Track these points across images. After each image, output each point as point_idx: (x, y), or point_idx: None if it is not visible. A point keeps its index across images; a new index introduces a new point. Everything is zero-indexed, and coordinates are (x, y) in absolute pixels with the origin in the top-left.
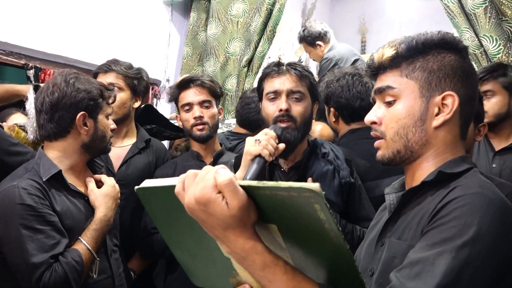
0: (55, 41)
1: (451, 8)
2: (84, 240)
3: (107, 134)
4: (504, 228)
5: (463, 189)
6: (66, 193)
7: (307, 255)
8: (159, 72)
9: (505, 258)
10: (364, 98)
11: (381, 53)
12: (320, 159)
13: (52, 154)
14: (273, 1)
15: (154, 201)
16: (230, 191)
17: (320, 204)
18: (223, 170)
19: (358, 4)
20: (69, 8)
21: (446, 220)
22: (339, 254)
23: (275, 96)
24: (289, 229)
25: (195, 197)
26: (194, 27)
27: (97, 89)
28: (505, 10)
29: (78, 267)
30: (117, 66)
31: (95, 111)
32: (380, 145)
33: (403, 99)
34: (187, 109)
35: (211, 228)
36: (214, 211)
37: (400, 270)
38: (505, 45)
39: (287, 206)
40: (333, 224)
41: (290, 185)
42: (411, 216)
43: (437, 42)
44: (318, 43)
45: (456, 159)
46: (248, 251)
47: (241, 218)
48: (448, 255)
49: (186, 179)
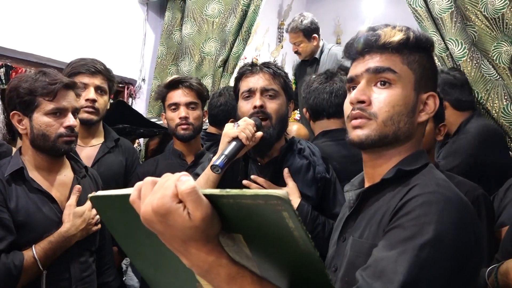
0: (26, 39)
1: (419, 12)
2: (34, 249)
3: (47, 132)
4: (461, 224)
5: (421, 188)
6: (27, 190)
7: (274, 263)
8: (135, 71)
9: (464, 253)
10: (319, 94)
11: (390, 33)
12: (296, 155)
13: (23, 152)
14: (248, 2)
15: (110, 210)
16: (193, 200)
17: (289, 211)
18: (186, 178)
19: (333, 6)
20: (41, 5)
21: (407, 219)
22: (308, 261)
23: (249, 95)
24: (256, 238)
25: (153, 207)
26: (169, 27)
27: (27, 88)
28: (470, 15)
29: (14, 271)
30: (101, 67)
31: (27, 110)
32: (365, 124)
33: (401, 86)
34: (174, 109)
35: (170, 241)
36: (174, 223)
37: (365, 269)
38: (469, 49)
39: (253, 214)
40: (302, 232)
41: (256, 192)
42: (371, 213)
43: (430, 44)
44: (315, 35)
45: (415, 154)
46: (211, 264)
47: (204, 229)
48: (410, 254)
49: (143, 186)
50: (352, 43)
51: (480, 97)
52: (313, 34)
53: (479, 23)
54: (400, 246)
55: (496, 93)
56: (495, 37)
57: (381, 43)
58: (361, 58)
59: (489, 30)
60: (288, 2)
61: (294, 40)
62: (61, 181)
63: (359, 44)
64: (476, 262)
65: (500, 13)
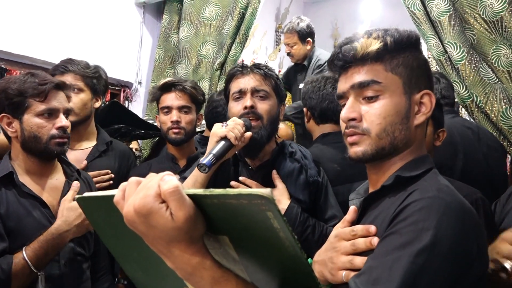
0: (21, 42)
1: (417, 15)
2: (25, 251)
3: (39, 134)
4: (462, 230)
5: (421, 193)
6: (17, 194)
7: (262, 266)
8: (131, 74)
9: (465, 260)
10: (333, 100)
11: (366, 44)
12: (287, 158)
13: (13, 156)
14: (246, 5)
15: (96, 212)
16: (175, 200)
17: (273, 211)
18: (169, 177)
19: (330, 9)
20: (37, 7)
21: (404, 224)
22: (296, 264)
23: (240, 96)
24: (242, 239)
25: (135, 207)
26: (166, 30)
27: (16, 89)
28: (468, 18)
29: (2, 275)
30: (73, 66)
31: (17, 111)
32: (360, 140)
33: (389, 95)
34: (166, 112)
35: (153, 242)
36: (157, 223)
37: (359, 275)
38: (468, 52)
39: (238, 215)
40: (288, 233)
41: (239, 192)
42: (371, 219)
43: (413, 41)
44: (309, 39)
45: (417, 159)
46: (195, 266)
47: (187, 230)
48: (406, 260)
49: (128, 186)
50: (333, 60)
51: (479, 100)
52: (308, 38)
53: (478, 26)
54: (396, 252)
55: (495, 97)
56: (494, 40)
57: (359, 56)
58: (345, 73)
59: (487, 33)
60: (286, 5)
61: (288, 41)
62: (52, 185)
63: (338, 60)
64: (480, 270)
65: (499, 16)
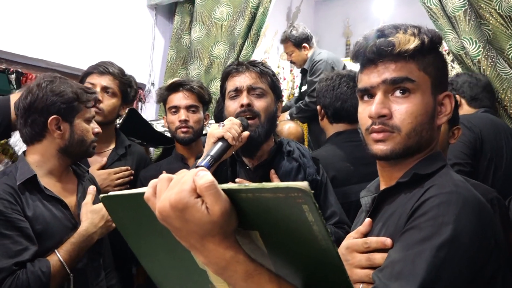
0: (37, 45)
1: (433, 10)
2: (58, 253)
3: (86, 138)
4: (480, 224)
5: (438, 188)
6: (40, 197)
7: (290, 261)
8: (144, 75)
9: (483, 253)
10: (347, 100)
11: (404, 40)
12: (285, 157)
13: (31, 159)
14: (257, 5)
15: (122, 210)
16: (212, 194)
17: (309, 204)
18: (204, 172)
19: (342, 7)
20: (51, 11)
21: (424, 219)
22: (326, 258)
23: (236, 94)
24: (273, 234)
25: (170, 201)
26: (178, 31)
27: (72, 92)
28: (484, 13)
29: (43, 278)
30: (113, 69)
31: (69, 115)
32: (389, 138)
33: (420, 94)
34: (174, 111)
35: (187, 237)
36: (192, 217)
37: (381, 270)
38: (484, 47)
39: (271, 209)
40: (322, 226)
41: (276, 185)
42: (387, 215)
43: (440, 41)
44: (305, 45)
45: (431, 156)
46: (228, 260)
47: (222, 225)
48: (428, 254)
49: (159, 183)
50: (363, 50)
51: (497, 95)
52: (303, 43)
53: (494, 21)
54: (417, 247)
55: None
56: (510, 35)
57: (396, 51)
58: (373, 66)
59: (504, 28)
60: (297, 4)
61: (286, 51)
62: (67, 186)
63: (372, 52)
64: (497, 264)
65: None
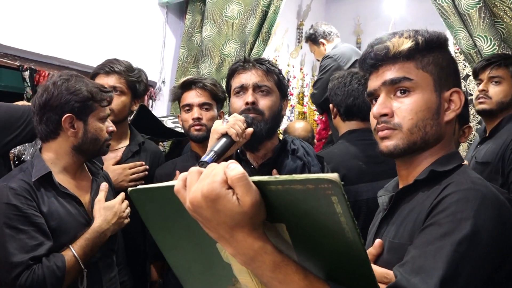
0: (50, 43)
1: (445, 8)
2: (73, 248)
3: (99, 136)
4: (500, 220)
5: (456, 185)
6: (55, 194)
7: (315, 254)
8: (155, 74)
9: (502, 249)
10: (358, 96)
11: (398, 43)
12: (289, 156)
13: (46, 156)
14: (268, 3)
15: (149, 203)
16: (243, 185)
17: (338, 196)
18: (234, 165)
19: (353, 5)
20: (64, 9)
21: (443, 216)
22: (352, 250)
23: (241, 91)
24: (299, 226)
25: (203, 192)
26: (189, 29)
27: (87, 91)
28: (498, 12)
29: (58, 273)
30: (119, 67)
31: (83, 113)
32: (392, 135)
33: (420, 91)
34: (187, 110)
35: (216, 227)
36: (224, 208)
37: (402, 265)
38: (499, 45)
39: (300, 201)
40: (349, 218)
41: (306, 177)
42: (405, 213)
43: (443, 41)
44: (322, 41)
45: (448, 155)
46: (257, 251)
47: (251, 215)
48: (449, 249)
49: (189, 175)
50: (365, 59)
51: None
52: (320, 40)
53: (508, 19)
54: (438, 242)
55: None
56: None
57: (391, 54)
58: (376, 72)
59: None
60: (307, 2)
61: (311, 50)
62: (82, 183)
63: (371, 58)
64: None
65: None
